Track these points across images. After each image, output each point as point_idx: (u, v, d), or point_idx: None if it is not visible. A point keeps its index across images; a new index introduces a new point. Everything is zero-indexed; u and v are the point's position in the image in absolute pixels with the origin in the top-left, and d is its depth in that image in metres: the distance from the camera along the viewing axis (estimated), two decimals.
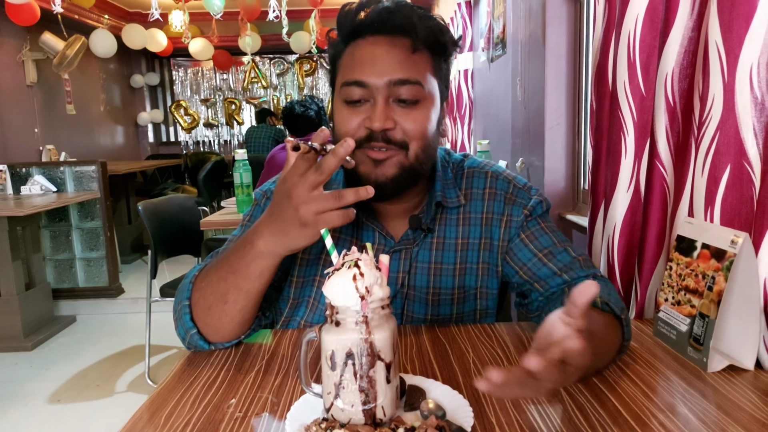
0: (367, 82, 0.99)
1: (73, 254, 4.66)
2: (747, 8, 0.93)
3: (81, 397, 3.12)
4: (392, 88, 0.99)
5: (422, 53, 1.02)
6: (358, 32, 1.03)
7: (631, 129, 1.28)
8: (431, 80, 1.03)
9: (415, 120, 1.01)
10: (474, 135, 4.25)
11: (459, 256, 1.13)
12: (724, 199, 1.00)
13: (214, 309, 0.96)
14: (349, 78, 1.01)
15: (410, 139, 1.01)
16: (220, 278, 0.95)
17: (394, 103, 1.00)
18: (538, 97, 2.51)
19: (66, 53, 5.59)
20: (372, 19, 1.01)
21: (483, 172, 1.18)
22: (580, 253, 1.11)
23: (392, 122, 0.99)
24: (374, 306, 0.68)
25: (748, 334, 0.90)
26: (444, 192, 1.13)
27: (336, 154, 0.82)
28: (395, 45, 1.00)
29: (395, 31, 1.00)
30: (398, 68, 0.99)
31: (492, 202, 1.15)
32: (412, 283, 1.13)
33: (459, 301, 1.14)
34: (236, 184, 2.90)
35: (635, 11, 1.24)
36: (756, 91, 0.94)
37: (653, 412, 0.76)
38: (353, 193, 0.84)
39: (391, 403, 0.71)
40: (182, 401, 0.82)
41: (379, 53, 1.00)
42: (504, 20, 3.21)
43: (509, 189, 1.16)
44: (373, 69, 0.99)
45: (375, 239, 1.13)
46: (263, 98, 8.95)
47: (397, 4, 1.01)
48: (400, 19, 1.00)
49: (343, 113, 1.02)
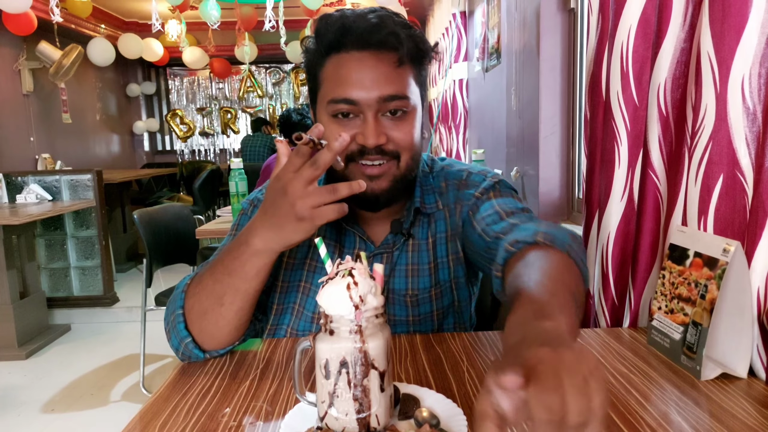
0: (357, 100, 1.00)
1: (68, 263, 4.64)
2: (738, 19, 0.94)
3: (75, 407, 3.10)
4: (381, 103, 1.00)
5: (406, 65, 1.03)
6: (342, 45, 1.02)
7: (624, 138, 1.29)
8: (415, 90, 1.05)
9: (404, 131, 1.03)
10: (469, 144, 4.27)
11: (431, 254, 1.15)
12: (717, 208, 1.01)
13: (210, 313, 0.96)
14: (338, 95, 1.01)
15: (402, 150, 1.04)
16: (215, 281, 0.95)
17: (382, 117, 1.02)
18: (533, 107, 2.52)
19: (62, 62, 5.59)
20: (357, 33, 1.00)
21: (439, 168, 1.21)
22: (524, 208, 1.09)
23: (384, 137, 1.01)
24: (368, 315, 0.68)
25: (740, 342, 0.90)
26: (423, 198, 1.16)
27: (331, 149, 0.84)
28: (381, 60, 1.01)
29: (381, 46, 1.00)
30: (386, 84, 1.00)
31: (449, 194, 1.17)
32: (392, 286, 1.14)
33: (437, 297, 1.15)
34: (232, 193, 2.90)
35: (628, 22, 1.25)
36: (748, 101, 0.95)
37: (647, 420, 0.76)
38: (347, 187, 0.86)
39: (385, 412, 0.71)
40: (177, 410, 0.82)
41: (367, 69, 1.00)
42: (499, 30, 3.23)
43: (462, 176, 1.18)
44: (361, 86, 1.00)
45: (356, 244, 1.14)
46: (259, 107, 8.96)
47: (381, 18, 1.01)
48: (386, 34, 0.99)
49: (332, 128, 1.02)
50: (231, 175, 2.91)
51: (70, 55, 5.61)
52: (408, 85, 1.03)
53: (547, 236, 0.89)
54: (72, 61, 5.63)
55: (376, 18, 1.00)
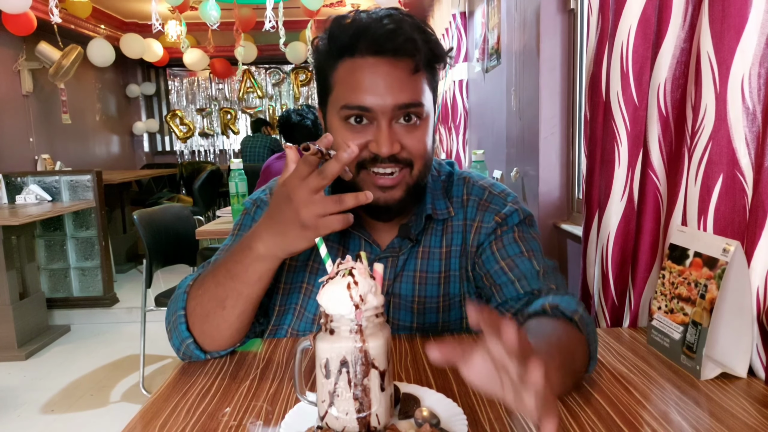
0: (371, 107, 0.97)
1: (67, 263, 4.64)
2: (738, 20, 0.95)
3: (75, 407, 3.10)
4: (396, 111, 0.98)
5: (421, 72, 1.00)
6: (356, 49, 0.99)
7: (624, 139, 1.29)
8: (429, 96, 1.03)
9: (418, 139, 1.01)
10: (469, 145, 4.27)
11: (443, 264, 1.13)
12: (716, 208, 1.01)
13: (212, 316, 0.96)
14: (351, 102, 0.98)
15: (415, 158, 1.01)
16: (217, 284, 0.95)
17: (396, 124, 0.99)
18: (533, 108, 2.52)
19: (62, 63, 5.59)
20: (373, 39, 0.97)
21: (462, 179, 1.19)
22: (548, 264, 1.08)
23: (398, 145, 0.98)
24: (368, 314, 0.68)
25: (740, 342, 0.90)
26: (434, 204, 1.13)
27: (339, 160, 0.83)
28: (397, 66, 0.98)
29: (397, 52, 0.97)
30: (401, 92, 0.97)
31: (468, 209, 1.15)
32: (397, 291, 1.13)
33: (444, 309, 1.13)
34: (232, 194, 2.90)
35: (628, 23, 1.25)
36: (747, 101, 0.95)
37: (647, 419, 0.76)
38: (353, 198, 0.85)
39: (386, 411, 0.71)
40: (177, 410, 0.82)
41: (382, 76, 0.97)
42: (498, 31, 3.23)
43: (484, 195, 1.15)
44: (376, 93, 0.97)
45: (361, 247, 1.13)
46: (259, 108, 8.96)
47: (398, 22, 0.98)
48: (403, 41, 0.96)
49: (345, 135, 1.00)
50: (231, 176, 2.90)
51: (70, 55, 5.61)
52: (423, 92, 1.00)
53: (553, 306, 0.91)
54: (72, 61, 5.63)
55: (393, 23, 0.97)
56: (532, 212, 1.17)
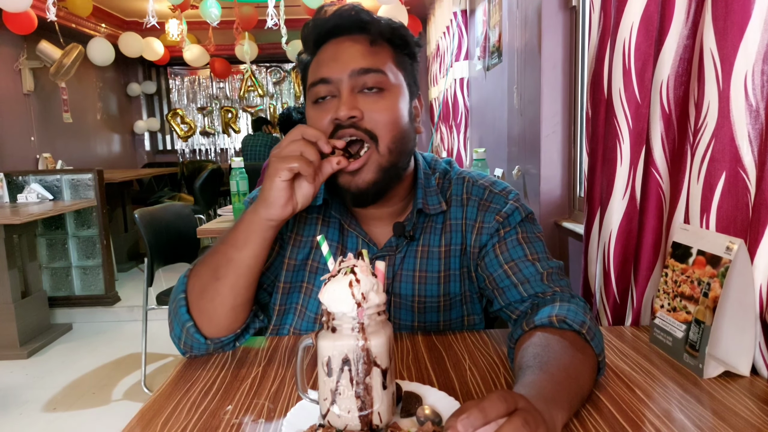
0: (330, 78, 1.01)
1: (69, 262, 4.64)
2: (741, 16, 0.94)
3: (77, 406, 3.10)
4: (355, 78, 1.01)
5: (382, 45, 1.05)
6: (320, 41, 1.07)
7: (626, 136, 1.29)
8: (394, 70, 1.05)
9: (382, 109, 1.01)
10: (470, 143, 4.27)
11: (442, 263, 1.13)
12: (719, 205, 1.00)
13: (207, 289, 0.99)
14: (315, 78, 1.04)
15: (379, 130, 1.01)
16: (213, 252, 1.01)
17: (359, 93, 1.01)
18: (534, 106, 2.52)
19: (63, 62, 5.59)
20: (329, 24, 1.05)
21: (461, 178, 1.18)
22: (552, 266, 1.07)
23: (359, 111, 0.99)
24: (370, 312, 0.68)
25: (743, 340, 0.90)
26: (426, 199, 1.12)
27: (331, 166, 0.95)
28: (355, 41, 1.04)
29: (352, 29, 1.04)
30: (360, 59, 1.02)
31: (468, 208, 1.14)
32: (397, 290, 1.12)
33: (445, 308, 1.13)
34: (233, 192, 2.90)
35: (630, 19, 1.25)
36: (751, 98, 0.95)
37: (649, 418, 0.76)
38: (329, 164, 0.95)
39: (388, 409, 0.71)
40: (179, 408, 0.82)
41: (341, 50, 1.03)
42: (500, 29, 3.23)
43: (484, 195, 1.15)
44: (335, 64, 1.02)
45: (358, 246, 1.13)
46: (260, 107, 8.96)
47: (350, 7, 1.05)
48: (354, 19, 1.04)
49: (312, 113, 1.05)
50: (232, 175, 2.90)
51: (71, 54, 5.61)
52: (383, 61, 1.03)
53: (560, 319, 0.90)
54: (72, 60, 5.63)
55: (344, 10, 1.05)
56: (533, 210, 1.17)
